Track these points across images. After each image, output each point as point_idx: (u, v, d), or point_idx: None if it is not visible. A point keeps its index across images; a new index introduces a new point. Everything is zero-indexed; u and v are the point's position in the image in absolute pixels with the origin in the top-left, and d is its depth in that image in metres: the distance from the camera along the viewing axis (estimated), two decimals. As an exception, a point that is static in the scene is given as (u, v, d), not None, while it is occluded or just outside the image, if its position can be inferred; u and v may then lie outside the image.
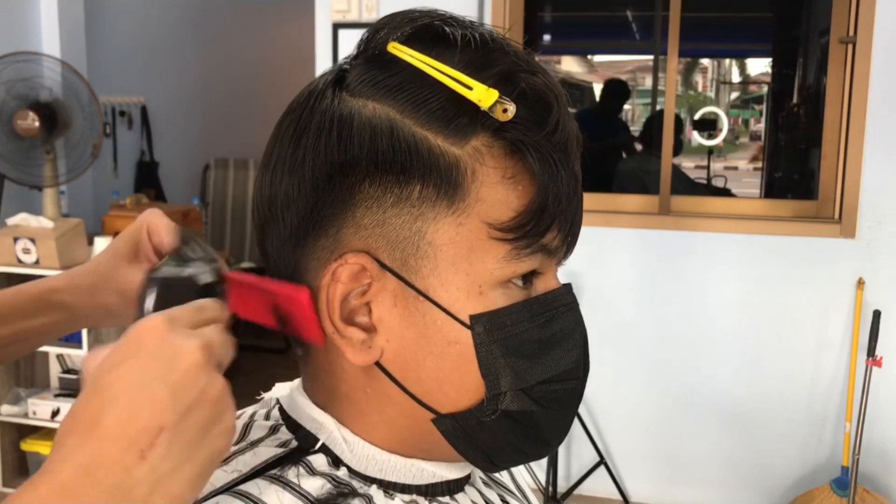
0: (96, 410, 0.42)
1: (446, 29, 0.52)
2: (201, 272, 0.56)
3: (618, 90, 4.84)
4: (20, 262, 2.87)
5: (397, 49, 0.52)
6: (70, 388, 3.04)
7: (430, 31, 0.53)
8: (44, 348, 3.00)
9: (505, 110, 0.49)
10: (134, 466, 0.41)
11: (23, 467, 3.13)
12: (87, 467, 0.40)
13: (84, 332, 2.85)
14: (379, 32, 0.54)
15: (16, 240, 2.85)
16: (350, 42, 3.25)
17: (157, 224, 0.65)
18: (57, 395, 3.04)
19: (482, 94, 0.49)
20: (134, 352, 0.45)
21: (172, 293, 0.53)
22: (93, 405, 0.43)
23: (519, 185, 0.50)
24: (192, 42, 5.07)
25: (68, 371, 3.09)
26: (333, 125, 0.51)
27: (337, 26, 3.15)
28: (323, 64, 3.19)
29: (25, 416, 3.02)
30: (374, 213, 0.50)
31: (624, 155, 4.40)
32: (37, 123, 3.13)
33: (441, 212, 0.50)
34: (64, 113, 3.21)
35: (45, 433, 3.08)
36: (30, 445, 3.06)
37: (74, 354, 3.03)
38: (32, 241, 2.84)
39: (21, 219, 2.93)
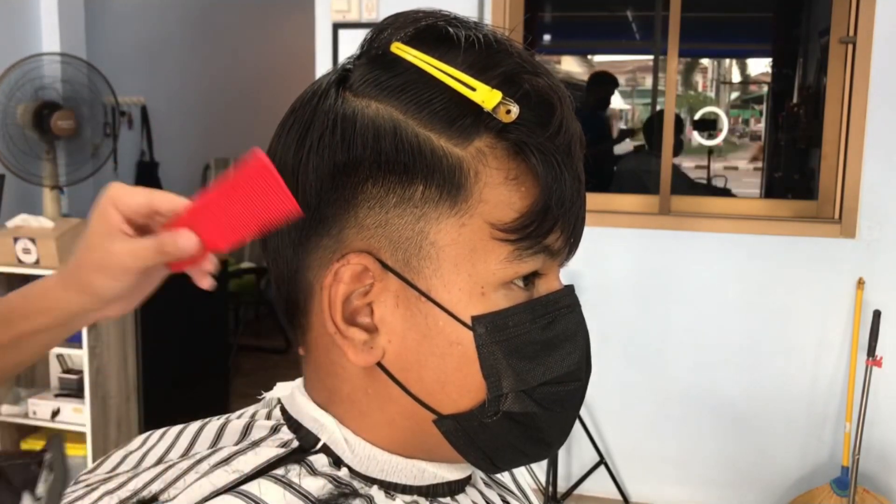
0: None
1: (450, 30, 0.52)
2: None
3: (604, 81, 4.74)
4: (20, 262, 2.87)
5: (401, 49, 0.52)
6: (70, 388, 3.04)
7: (434, 32, 0.53)
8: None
9: (508, 111, 0.49)
10: None
11: (23, 467, 3.12)
12: None
13: (84, 332, 2.85)
14: (383, 32, 0.54)
15: (16, 240, 2.85)
16: (350, 42, 3.25)
17: (119, 195, 0.59)
18: (57, 395, 3.04)
19: (486, 95, 0.49)
20: None
21: None
22: None
23: (522, 187, 0.50)
24: (192, 42, 5.06)
25: (68, 371, 3.08)
26: (337, 125, 0.51)
27: (337, 26, 3.15)
28: (323, 63, 3.19)
29: (25, 416, 3.02)
30: (376, 213, 0.50)
31: (630, 146, 4.34)
32: (70, 123, 3.13)
33: (444, 212, 0.50)
34: (78, 112, 3.21)
35: (45, 433, 3.08)
36: (30, 445, 3.06)
37: (74, 354, 3.03)
38: (32, 241, 2.84)
39: (21, 220, 2.92)
